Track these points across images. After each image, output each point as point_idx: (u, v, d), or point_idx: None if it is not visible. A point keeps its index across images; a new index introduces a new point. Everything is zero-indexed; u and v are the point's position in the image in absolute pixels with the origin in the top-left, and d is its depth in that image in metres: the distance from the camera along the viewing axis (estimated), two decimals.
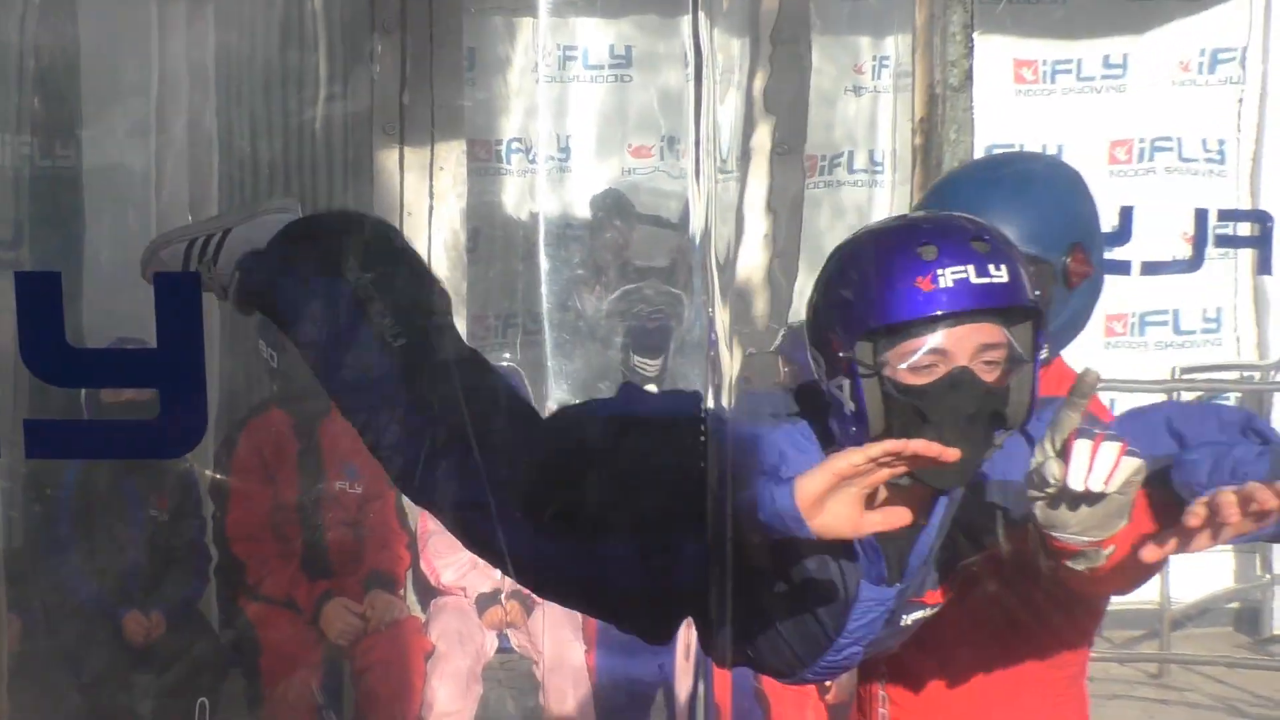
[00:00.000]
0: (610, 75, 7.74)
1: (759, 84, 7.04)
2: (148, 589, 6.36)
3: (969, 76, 5.71)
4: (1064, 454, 2.56)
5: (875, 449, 2.66)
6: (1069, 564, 2.85)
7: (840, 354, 2.94)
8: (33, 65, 6.24)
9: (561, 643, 6.59)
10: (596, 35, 7.57)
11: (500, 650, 6.68)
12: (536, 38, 7.09)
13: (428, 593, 6.78)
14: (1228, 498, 2.67)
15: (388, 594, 6.54)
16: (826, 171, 7.40)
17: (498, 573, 6.61)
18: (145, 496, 6.36)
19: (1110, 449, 2.63)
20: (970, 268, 2.90)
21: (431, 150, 6.99)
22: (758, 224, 7.24)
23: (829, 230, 7.35)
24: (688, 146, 3.77)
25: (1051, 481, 2.62)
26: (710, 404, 3.44)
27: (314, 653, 6.44)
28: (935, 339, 2.84)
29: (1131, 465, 2.61)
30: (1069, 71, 7.92)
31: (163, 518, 6.40)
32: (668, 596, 3.27)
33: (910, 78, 5.78)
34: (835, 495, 2.69)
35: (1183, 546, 2.79)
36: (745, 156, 7.07)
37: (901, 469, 2.71)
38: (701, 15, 3.55)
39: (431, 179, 7.07)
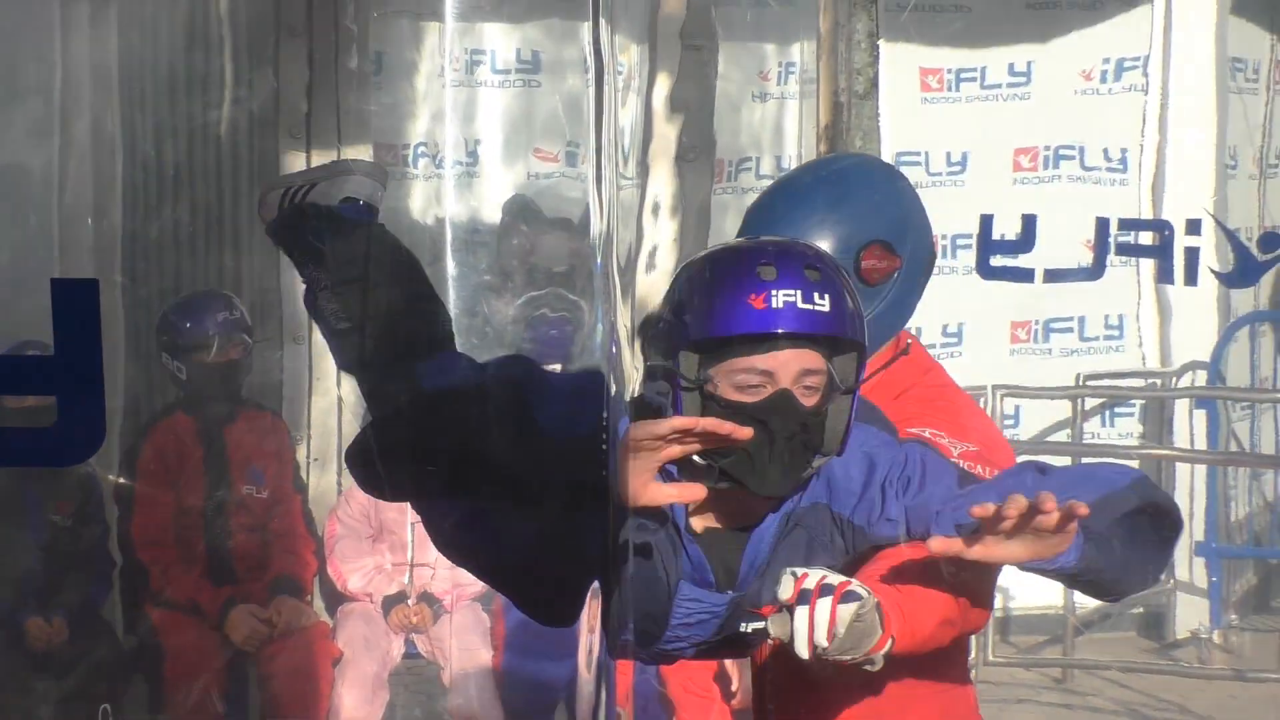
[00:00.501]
0: (518, 80, 7.75)
1: (664, 89, 7.07)
2: (49, 594, 6.33)
3: (874, 84, 5.76)
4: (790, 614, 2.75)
5: (664, 425, 2.87)
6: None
7: (664, 363, 3.12)
8: None
9: (469, 647, 6.60)
10: (503, 40, 7.58)
11: (407, 655, 6.66)
12: (444, 42, 7.09)
13: (334, 598, 6.77)
14: (1048, 494, 2.84)
15: (294, 599, 6.54)
16: (733, 177, 7.42)
17: (405, 577, 6.64)
18: (46, 501, 6.32)
19: (824, 606, 2.81)
20: (798, 293, 3.09)
21: (338, 155, 6.97)
22: (665, 229, 7.27)
23: (736, 236, 7.40)
24: (588, 152, 3.79)
25: (783, 639, 2.82)
26: (609, 412, 3.49)
27: (218, 658, 6.42)
28: (763, 359, 3.03)
29: (849, 611, 2.80)
30: (974, 79, 8.00)
31: (64, 523, 6.36)
32: (566, 576, 3.33)
33: (816, 84, 5.83)
34: (627, 465, 2.85)
35: (989, 531, 2.93)
36: (650, 161, 7.10)
37: (695, 446, 2.88)
38: (602, 20, 3.57)
39: None
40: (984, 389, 7.37)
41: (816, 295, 3.07)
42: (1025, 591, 7.68)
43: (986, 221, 5.66)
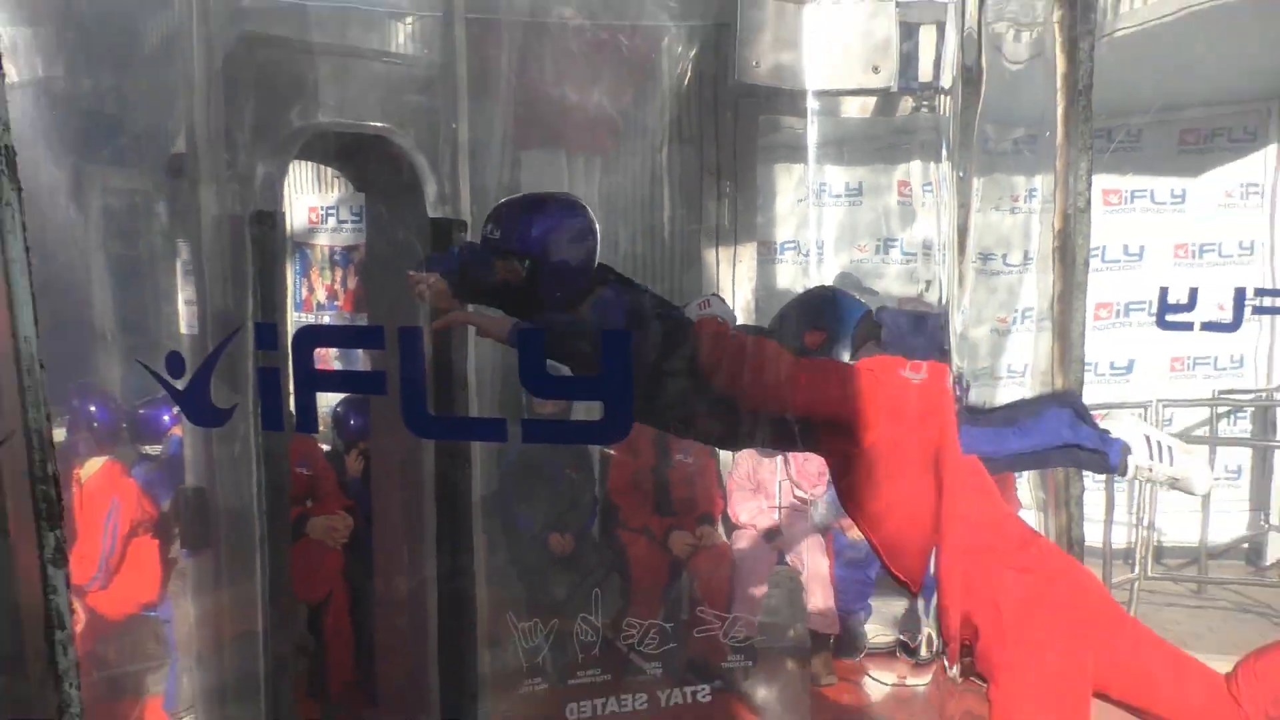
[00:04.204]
0: (846, 200, 7.84)
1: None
2: (564, 520, 6.62)
3: (1089, 203, 5.85)
4: None
5: None
6: None
7: None
8: None
9: (815, 559, 6.76)
10: (837, 174, 7.76)
11: (780, 564, 6.82)
12: (806, 176, 7.25)
13: (730, 528, 6.96)
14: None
15: (710, 527, 6.73)
16: (982, 261, 7.46)
17: (775, 515, 6.85)
18: (565, 462, 6.61)
19: None
20: None
21: (734, 249, 7.17)
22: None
23: (984, 305, 7.66)
24: (938, 251, 4.11)
25: None
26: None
27: (663, 564, 6.61)
28: None
29: None
30: (1145, 197, 7.84)
31: (575, 476, 6.65)
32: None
33: (1051, 203, 5.79)
34: None
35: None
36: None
37: None
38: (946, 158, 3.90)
39: (734, 268, 7.18)
40: (1149, 402, 7.29)
41: None
42: (1173, 530, 7.72)
43: (1164, 292, 5.65)
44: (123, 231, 4.79)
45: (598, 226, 3.84)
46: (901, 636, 6.57)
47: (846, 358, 3.88)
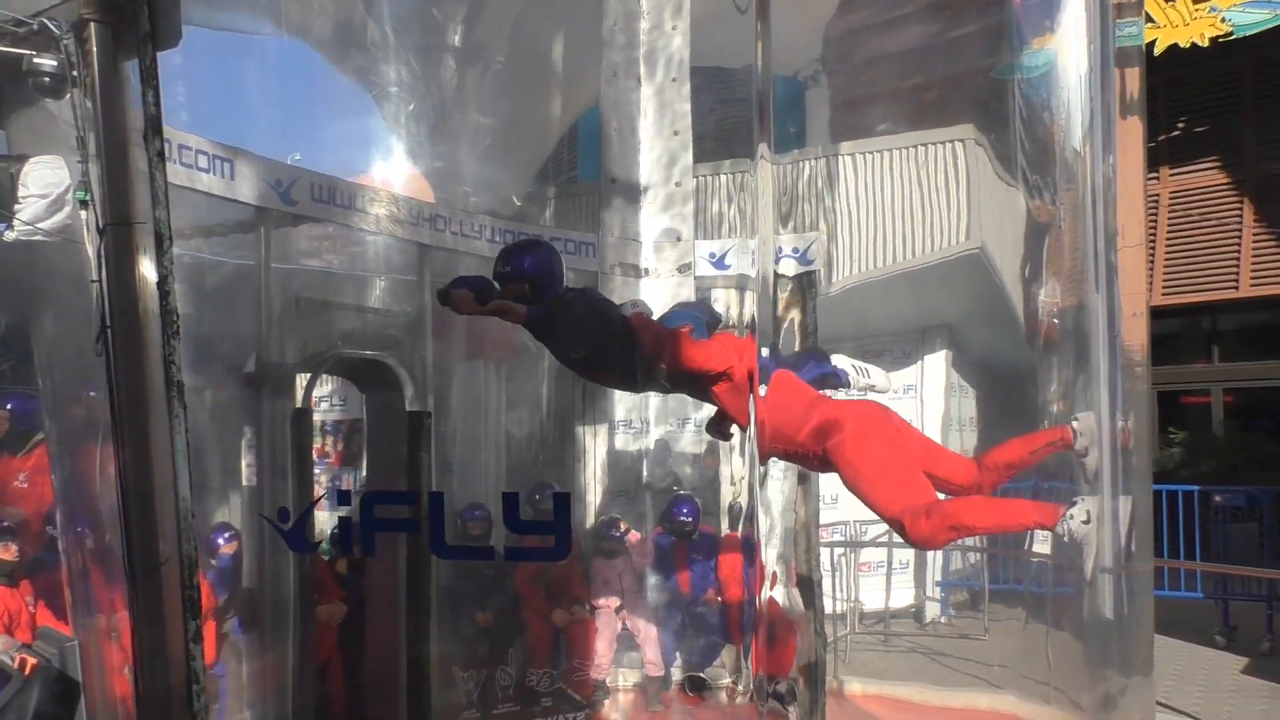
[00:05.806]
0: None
1: None
2: (487, 600, 6.35)
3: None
4: None
5: None
6: None
7: None
8: None
9: (646, 626, 6.61)
10: None
11: (622, 630, 6.55)
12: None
13: (592, 608, 6.67)
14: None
15: (580, 607, 6.58)
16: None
17: (619, 599, 6.55)
18: (488, 567, 6.31)
19: None
20: None
21: (594, 426, 6.90)
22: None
23: None
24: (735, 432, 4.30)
25: None
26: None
27: (549, 634, 6.48)
28: None
29: None
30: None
31: (491, 574, 6.38)
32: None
33: None
34: None
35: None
36: None
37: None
38: None
39: (594, 436, 6.87)
40: (848, 521, 7.08)
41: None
42: (869, 601, 7.49)
43: None
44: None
45: (559, 252, 4.10)
46: (699, 675, 6.56)
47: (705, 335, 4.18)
